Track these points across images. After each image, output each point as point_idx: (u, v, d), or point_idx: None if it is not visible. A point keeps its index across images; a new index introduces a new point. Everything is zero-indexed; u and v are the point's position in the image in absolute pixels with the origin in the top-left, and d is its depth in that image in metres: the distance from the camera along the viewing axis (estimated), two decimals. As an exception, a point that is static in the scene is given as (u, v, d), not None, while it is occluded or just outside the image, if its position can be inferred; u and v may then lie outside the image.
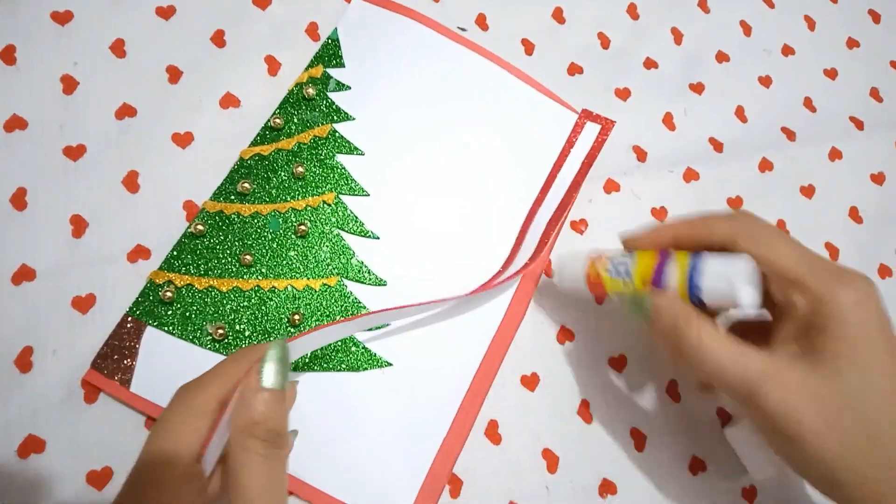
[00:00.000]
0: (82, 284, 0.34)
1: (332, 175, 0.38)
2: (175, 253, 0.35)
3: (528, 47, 0.45)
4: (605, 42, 0.46)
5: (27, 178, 0.35)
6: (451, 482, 0.35)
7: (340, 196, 0.38)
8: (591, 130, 0.42)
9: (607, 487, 0.36)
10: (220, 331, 0.34)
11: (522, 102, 0.42)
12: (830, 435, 0.25)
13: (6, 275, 0.34)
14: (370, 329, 0.36)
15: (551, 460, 0.36)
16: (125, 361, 0.33)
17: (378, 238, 0.38)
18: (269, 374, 0.25)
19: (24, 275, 0.34)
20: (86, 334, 0.33)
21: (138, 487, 0.24)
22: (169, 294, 0.34)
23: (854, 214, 0.45)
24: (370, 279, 0.37)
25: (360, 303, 0.36)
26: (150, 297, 0.34)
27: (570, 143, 0.42)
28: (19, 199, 0.35)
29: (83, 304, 0.34)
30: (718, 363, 0.28)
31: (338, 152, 0.39)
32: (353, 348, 0.35)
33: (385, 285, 0.37)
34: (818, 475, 0.27)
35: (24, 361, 0.32)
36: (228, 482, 0.24)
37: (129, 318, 0.34)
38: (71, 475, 0.31)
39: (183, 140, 0.38)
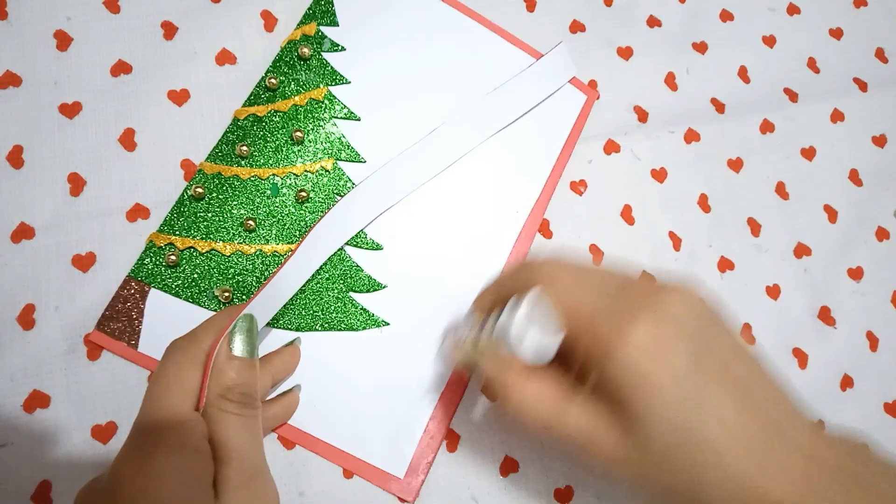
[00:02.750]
0: (82, 242, 0.34)
1: (329, 140, 0.38)
2: (174, 215, 0.35)
3: (530, 3, 0.44)
4: (607, -1, 0.45)
5: (23, 135, 0.35)
6: (448, 437, 0.35)
7: (338, 162, 0.38)
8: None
9: (601, 443, 0.37)
10: (227, 293, 0.34)
11: (515, 67, 0.41)
12: (654, 487, 0.25)
13: (5, 233, 0.34)
14: (368, 291, 0.36)
15: (547, 417, 0.37)
16: (132, 323, 0.33)
17: None
18: (238, 344, 0.28)
19: (24, 233, 0.34)
20: (87, 291, 0.34)
21: (143, 439, 0.25)
22: (173, 258, 0.34)
23: (854, 177, 0.45)
24: (367, 244, 0.37)
25: (358, 267, 0.37)
26: (153, 260, 0.34)
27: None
28: (16, 157, 0.35)
29: (83, 262, 0.34)
30: (537, 425, 0.26)
31: (334, 117, 0.38)
32: (352, 309, 0.36)
33: (381, 249, 0.37)
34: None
35: (27, 319, 0.33)
36: (210, 438, 0.26)
37: (132, 281, 0.34)
38: (76, 429, 0.32)
39: (179, 97, 0.37)
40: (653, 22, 0.45)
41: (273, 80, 0.38)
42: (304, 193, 0.37)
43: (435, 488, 0.35)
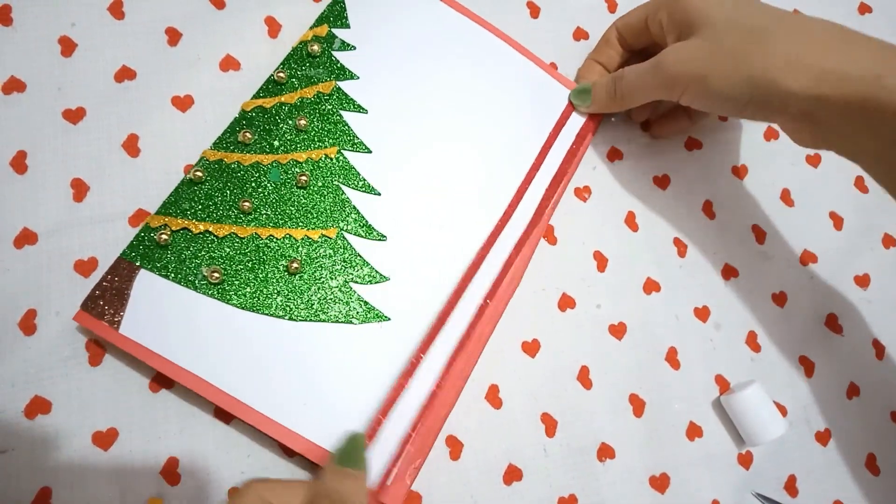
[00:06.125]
0: (84, 248, 0.34)
1: (334, 130, 0.38)
2: (172, 198, 0.35)
3: (534, 11, 0.44)
4: (611, 5, 0.45)
5: (27, 141, 0.35)
6: (451, 444, 0.35)
7: (343, 151, 0.38)
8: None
9: (605, 451, 0.37)
10: (216, 274, 0.33)
11: (520, 73, 0.42)
12: (718, 68, 0.34)
13: (8, 238, 0.34)
14: (370, 282, 0.36)
15: (550, 424, 0.37)
16: (116, 304, 0.32)
17: (379, 194, 0.37)
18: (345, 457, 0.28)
19: (27, 238, 0.34)
20: (89, 297, 0.33)
21: None
22: (164, 237, 0.33)
23: (860, 184, 0.45)
24: (371, 234, 0.37)
25: (359, 255, 0.36)
26: (146, 241, 0.34)
27: (563, 117, 0.41)
28: (20, 163, 0.35)
29: (85, 267, 0.34)
30: (643, 80, 0.37)
31: (341, 109, 0.38)
32: (352, 302, 0.35)
33: (385, 240, 0.37)
34: (718, 94, 0.34)
35: (28, 324, 0.33)
36: None
37: (123, 262, 0.33)
38: (77, 435, 0.32)
39: (183, 103, 0.37)
40: (657, 28, 0.45)
41: (281, 75, 0.38)
42: (304, 178, 0.36)
43: (437, 496, 0.34)
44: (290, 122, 0.37)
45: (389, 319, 0.35)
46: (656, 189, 0.42)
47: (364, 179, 0.38)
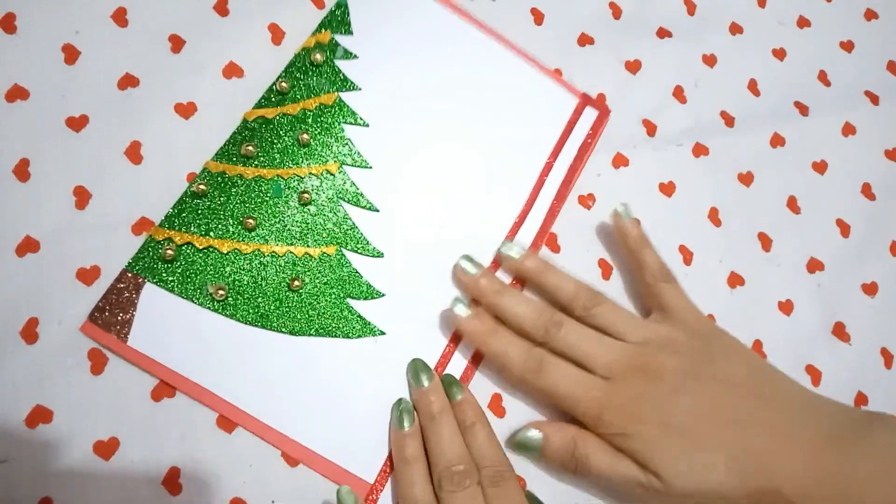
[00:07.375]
0: (86, 256, 0.34)
1: (336, 145, 0.38)
2: (175, 211, 0.35)
3: (538, 17, 0.44)
4: (616, 12, 0.45)
5: (29, 148, 0.35)
6: (454, 455, 0.35)
7: (344, 167, 0.38)
8: (590, 116, 0.42)
9: (610, 462, 0.37)
10: (221, 291, 0.34)
11: (526, 83, 0.42)
12: None
13: (10, 246, 0.33)
14: (366, 298, 0.36)
15: (555, 434, 0.36)
16: (123, 316, 0.33)
17: (378, 211, 0.38)
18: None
19: (28, 246, 0.34)
20: (91, 305, 0.33)
21: None
22: (170, 252, 0.34)
23: (867, 191, 0.45)
24: (368, 250, 0.37)
25: (357, 273, 0.36)
26: (150, 254, 0.34)
27: (569, 127, 0.41)
28: (22, 170, 0.35)
29: (88, 275, 0.34)
30: (605, 479, 0.33)
31: (343, 122, 0.38)
32: (348, 315, 0.35)
33: (381, 256, 0.37)
34: None
35: (30, 332, 0.33)
36: None
37: (129, 274, 0.33)
38: (78, 445, 0.32)
39: (186, 110, 0.37)
40: (662, 34, 0.45)
41: (284, 84, 0.38)
42: (307, 195, 0.36)
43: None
44: (293, 134, 0.37)
45: (385, 334, 0.36)
46: (662, 196, 0.42)
47: (363, 196, 0.38)
